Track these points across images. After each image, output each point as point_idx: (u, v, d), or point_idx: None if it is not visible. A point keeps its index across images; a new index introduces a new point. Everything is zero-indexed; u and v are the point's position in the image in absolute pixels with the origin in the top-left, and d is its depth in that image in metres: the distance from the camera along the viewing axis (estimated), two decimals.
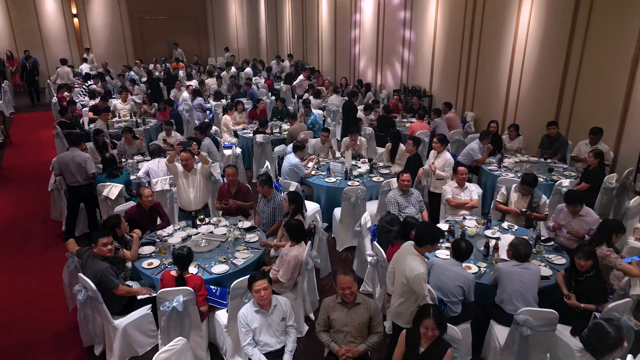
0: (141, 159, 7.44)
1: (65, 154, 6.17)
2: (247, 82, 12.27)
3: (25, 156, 10.08)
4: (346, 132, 9.62)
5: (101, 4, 18.10)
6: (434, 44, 10.27)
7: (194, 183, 5.52)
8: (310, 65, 15.81)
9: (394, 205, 5.46)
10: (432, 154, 6.64)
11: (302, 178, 6.81)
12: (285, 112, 10.25)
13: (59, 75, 13.94)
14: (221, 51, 20.41)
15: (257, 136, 8.21)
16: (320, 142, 7.74)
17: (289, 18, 17.01)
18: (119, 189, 5.96)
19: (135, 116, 10.19)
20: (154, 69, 16.03)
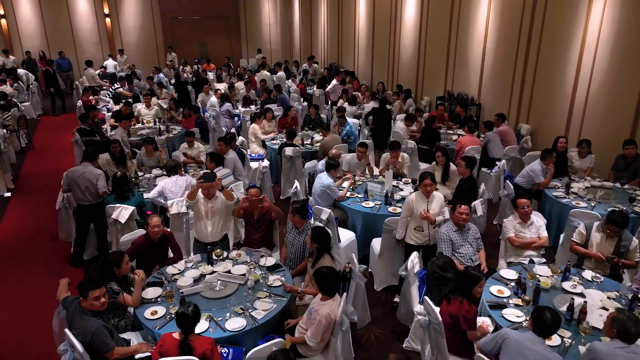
0: (160, 174, 6.78)
1: (76, 169, 5.55)
2: (277, 87, 11.52)
3: (45, 163, 9.65)
4: (380, 144, 8.79)
5: (133, 4, 17.80)
6: (485, 46, 9.24)
7: (214, 212, 4.76)
8: (345, 68, 14.95)
9: (446, 244, 4.55)
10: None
11: (335, 201, 5.98)
12: (318, 120, 9.44)
13: (85, 77, 13.59)
14: (253, 52, 19.83)
15: (286, 149, 7.43)
16: (357, 158, 6.88)
17: (324, 18, 16.22)
18: (130, 211, 5.28)
19: (159, 122, 9.60)
20: (182, 71, 15.53)
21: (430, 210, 4.83)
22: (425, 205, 4.85)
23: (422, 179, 4.88)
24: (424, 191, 4.87)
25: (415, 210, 4.84)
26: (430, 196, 4.87)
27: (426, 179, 4.83)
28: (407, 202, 4.93)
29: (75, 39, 17.18)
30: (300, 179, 7.59)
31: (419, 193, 4.94)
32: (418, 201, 4.88)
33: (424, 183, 4.84)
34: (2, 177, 8.04)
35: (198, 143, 7.68)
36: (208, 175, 4.63)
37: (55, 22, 16.74)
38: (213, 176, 4.61)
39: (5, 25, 15.96)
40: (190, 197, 4.70)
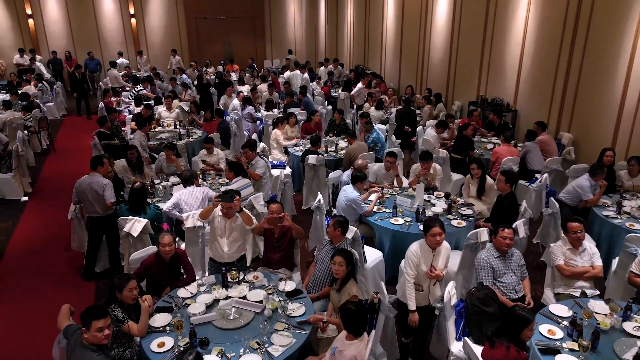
0: (177, 182, 6.47)
1: (83, 180, 5.26)
2: (302, 89, 11.13)
3: (65, 166, 9.49)
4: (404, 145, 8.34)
5: (159, 4, 17.71)
6: (523, 47, 8.64)
7: (231, 231, 4.38)
8: (371, 70, 14.47)
9: (486, 272, 4.06)
10: None
11: (361, 216, 5.55)
12: (343, 126, 9.00)
13: (108, 78, 13.48)
14: (278, 53, 19.54)
15: (309, 157, 7.02)
16: (384, 169, 6.42)
17: (351, 19, 15.77)
18: (143, 225, 4.96)
19: (179, 126, 9.33)
20: (204, 72, 15.30)
21: (437, 266, 3.92)
22: (430, 260, 3.91)
23: (428, 227, 3.86)
24: (432, 242, 3.85)
25: (419, 267, 3.91)
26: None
27: (434, 227, 3.83)
28: (411, 256, 3.89)
29: (101, 39, 17.19)
30: (324, 189, 7.19)
31: (422, 244, 3.94)
32: (423, 254, 3.91)
33: (432, 232, 3.82)
34: (20, 181, 7.89)
35: (218, 150, 7.34)
36: (226, 195, 4.25)
37: (81, 22, 16.77)
38: (232, 196, 4.22)
39: (33, 25, 16.06)
40: (203, 216, 4.33)
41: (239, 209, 4.27)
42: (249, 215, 4.36)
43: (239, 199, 4.29)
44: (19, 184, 7.81)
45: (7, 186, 7.68)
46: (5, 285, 5.45)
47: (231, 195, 4.22)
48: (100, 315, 3.01)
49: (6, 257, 6.06)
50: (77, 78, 12.95)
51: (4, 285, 5.45)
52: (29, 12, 15.88)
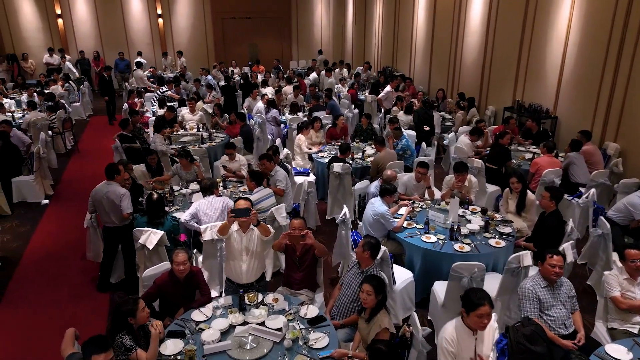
0: (197, 189, 6.22)
1: (99, 189, 5.05)
2: (328, 92, 10.78)
3: (88, 168, 9.40)
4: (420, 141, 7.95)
5: (186, 4, 17.66)
6: (565, 50, 8.08)
7: (249, 247, 4.06)
8: (400, 72, 14.01)
9: (532, 303, 3.63)
10: None
11: (389, 231, 5.17)
12: (370, 131, 8.61)
13: (134, 79, 13.43)
14: (304, 54, 19.26)
15: (335, 165, 6.67)
16: (415, 180, 6.01)
17: (379, 19, 15.34)
18: (159, 237, 4.70)
19: (202, 129, 9.12)
20: (231, 73, 15.13)
21: (482, 354, 3.16)
22: (473, 347, 3.14)
23: (473, 305, 3.04)
24: (477, 324, 3.07)
25: (459, 355, 3.14)
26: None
27: (482, 306, 3.01)
28: (446, 346, 3.13)
29: (129, 39, 17.24)
30: (349, 199, 6.83)
31: (460, 327, 3.15)
32: (463, 339, 3.14)
33: (479, 312, 3.02)
34: (41, 183, 7.80)
35: (240, 155, 7.07)
36: (241, 209, 3.93)
37: (109, 22, 16.85)
38: (247, 211, 3.90)
39: (62, 25, 16.22)
40: (221, 231, 4.03)
41: (256, 221, 3.94)
42: (266, 227, 4.03)
43: (255, 212, 3.97)
44: (40, 186, 7.72)
45: (28, 188, 7.60)
46: (19, 293, 5.30)
47: (246, 209, 3.90)
48: (102, 349, 2.74)
49: (23, 263, 5.92)
50: (106, 79, 12.65)
51: (18, 294, 5.29)
52: (58, 12, 16.04)
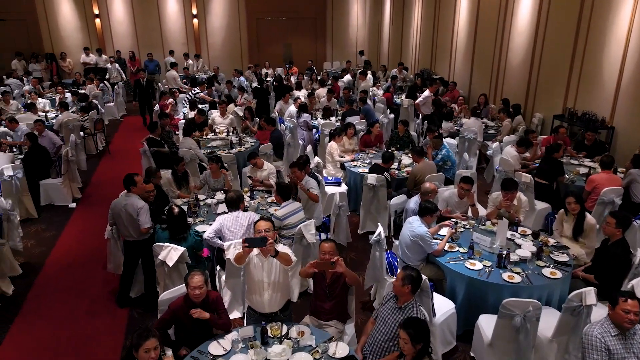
0: (223, 200, 5.90)
1: (118, 201, 4.78)
2: (362, 96, 10.32)
3: (117, 170, 9.24)
4: None
5: (221, 4, 17.55)
6: (625, 52, 7.33)
7: (271, 276, 3.67)
8: (438, 75, 13.40)
9: (600, 354, 3.10)
10: None
11: (428, 255, 4.70)
12: (407, 139, 8.12)
13: (167, 79, 13.33)
14: (338, 55, 18.84)
15: (369, 177, 6.23)
16: (457, 196, 5.50)
17: (418, 19, 14.75)
18: (179, 253, 4.39)
19: (232, 133, 8.84)
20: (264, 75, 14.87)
21: None
22: None
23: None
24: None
25: None
26: None
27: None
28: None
29: (164, 40, 17.27)
30: (383, 213, 6.38)
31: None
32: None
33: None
34: (69, 186, 7.68)
35: (268, 163, 6.72)
36: (256, 239, 3.53)
37: (145, 23, 16.92)
38: (262, 240, 3.49)
39: (99, 25, 16.38)
40: (238, 261, 3.64)
41: (274, 252, 3.53)
42: (286, 255, 3.63)
43: (272, 242, 3.55)
44: (67, 190, 7.61)
45: (56, 192, 7.50)
46: (37, 305, 5.11)
47: (262, 239, 3.49)
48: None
49: (44, 271, 5.76)
50: (142, 84, 11.88)
51: (36, 305, 5.10)
52: (96, 12, 16.21)
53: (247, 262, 3.65)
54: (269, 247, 3.49)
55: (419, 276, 3.51)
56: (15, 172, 6.68)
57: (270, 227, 3.72)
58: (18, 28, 15.97)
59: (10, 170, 6.62)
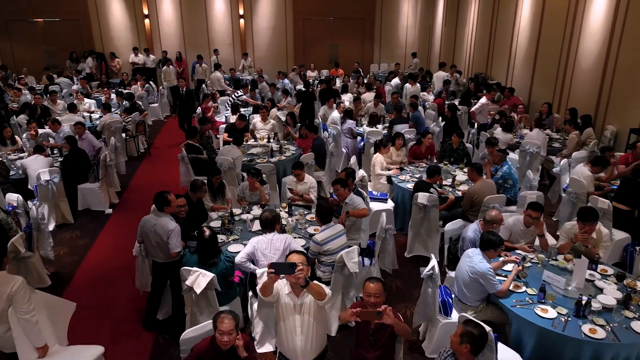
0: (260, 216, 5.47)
1: (148, 219, 4.43)
2: (412, 102, 9.66)
3: (157, 174, 9.10)
4: None
5: (268, 5, 17.28)
6: None
7: (305, 318, 3.17)
8: (494, 79, 12.49)
9: None
10: None
11: (489, 295, 4.05)
12: (462, 152, 7.41)
13: (211, 81, 13.14)
14: (386, 57, 18.17)
15: (420, 195, 5.61)
16: (523, 224, 4.80)
17: (473, 20, 13.86)
18: (208, 279, 3.97)
19: (273, 140, 8.43)
20: (308, 77, 14.43)
21: None
22: None
23: None
24: None
25: None
26: None
27: None
28: None
29: (210, 40, 17.20)
30: (434, 236, 5.76)
31: None
32: None
33: None
34: (107, 191, 7.51)
35: (309, 177, 6.23)
36: (282, 264, 3.05)
37: (192, 23, 16.90)
38: (290, 266, 3.00)
39: (148, 25, 16.49)
40: (263, 292, 3.18)
41: (304, 282, 3.03)
42: (319, 287, 3.12)
43: (302, 268, 3.06)
44: (105, 195, 7.43)
45: (93, 196, 7.33)
46: None
47: (290, 265, 3.00)
48: None
49: (73, 283, 5.53)
50: (181, 94, 10.68)
51: None
52: (145, 13, 16.32)
53: (276, 300, 3.17)
54: (299, 274, 3.01)
55: (482, 336, 2.91)
56: (52, 176, 6.54)
57: (303, 261, 3.23)
58: (71, 28, 16.35)
59: (47, 174, 6.48)
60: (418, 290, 5.15)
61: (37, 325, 3.38)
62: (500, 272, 4.26)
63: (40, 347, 3.45)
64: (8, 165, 6.96)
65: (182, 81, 11.02)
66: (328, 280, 4.55)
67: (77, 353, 3.65)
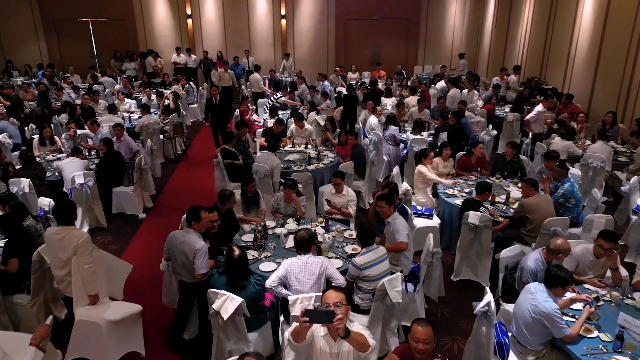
0: (294, 229, 5.11)
1: (176, 235, 4.13)
2: (460, 108, 9.04)
3: (193, 178, 8.92)
4: None
5: (310, 5, 16.96)
6: None
7: None
8: (549, 85, 11.64)
9: None
10: None
11: (554, 337, 3.50)
12: (517, 165, 6.79)
13: (250, 82, 12.91)
14: (431, 58, 17.48)
15: (470, 215, 5.09)
16: (592, 254, 4.20)
17: (528, 21, 13.02)
18: (236, 305, 3.64)
19: (311, 146, 8.05)
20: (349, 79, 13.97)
21: None
22: None
23: None
24: None
25: None
26: None
27: None
28: None
29: (251, 40, 17.05)
30: (485, 259, 5.22)
31: None
32: None
33: None
34: (141, 195, 7.36)
35: (349, 189, 5.82)
36: (318, 312, 2.65)
37: (234, 23, 16.80)
38: (328, 315, 2.59)
39: (191, 25, 16.51)
40: (296, 338, 2.80)
41: (344, 333, 2.62)
42: (361, 337, 2.70)
43: (341, 317, 2.64)
44: (139, 199, 7.28)
45: (127, 200, 7.20)
46: None
47: (328, 314, 2.59)
48: None
49: None
50: (215, 104, 9.30)
51: None
52: (188, 13, 16.35)
53: (310, 341, 2.78)
54: (338, 325, 2.60)
55: None
56: (87, 180, 6.43)
57: (342, 300, 2.83)
58: (117, 28, 16.60)
59: (81, 177, 6.38)
60: (466, 320, 4.69)
61: (93, 277, 3.97)
62: (567, 310, 3.71)
63: (92, 295, 4.01)
64: (45, 167, 6.92)
65: (215, 89, 9.68)
66: (367, 309, 4.13)
67: (119, 307, 4.14)
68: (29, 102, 11.25)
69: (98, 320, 3.93)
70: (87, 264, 3.91)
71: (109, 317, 3.96)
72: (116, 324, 3.98)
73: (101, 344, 3.94)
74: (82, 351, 4.00)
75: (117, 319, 3.99)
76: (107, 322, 3.94)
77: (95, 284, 4.01)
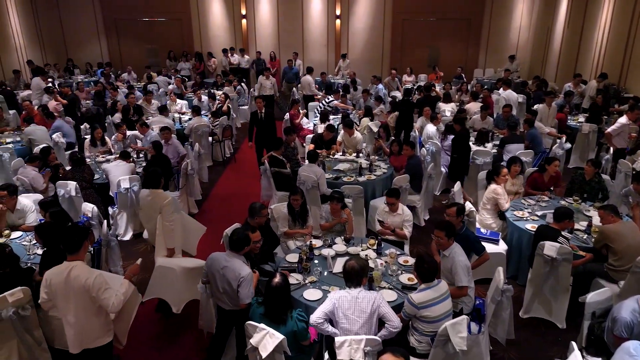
0: (342, 251, 4.65)
1: (218, 258, 3.75)
2: (529, 117, 8.23)
3: (240, 183, 8.67)
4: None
5: (366, 5, 16.42)
6: None
7: None
8: (630, 92, 10.48)
9: None
10: None
11: None
12: (598, 185, 5.97)
13: (301, 85, 12.56)
14: (492, 61, 16.46)
15: (546, 245, 4.42)
16: None
17: (606, 21, 11.84)
18: (276, 342, 3.23)
19: (362, 155, 7.55)
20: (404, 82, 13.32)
21: None
22: None
23: None
24: None
25: None
26: None
27: None
28: None
29: (304, 41, 16.75)
30: (562, 297, 4.54)
31: None
32: None
33: None
34: (186, 200, 7.16)
35: (404, 207, 5.27)
36: None
37: (288, 23, 16.55)
38: None
39: (245, 25, 16.42)
40: None
41: None
42: None
43: None
44: (184, 204, 7.08)
45: None
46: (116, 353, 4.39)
47: None
48: None
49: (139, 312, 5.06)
50: (260, 118, 8.23)
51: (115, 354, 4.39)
52: (243, 13, 16.27)
53: None
54: None
55: None
56: (132, 184, 6.28)
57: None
58: (174, 27, 16.81)
59: (127, 182, 6.24)
60: None
61: (172, 233, 4.72)
62: None
63: (169, 248, 4.75)
64: (94, 169, 6.85)
65: (260, 101, 8.50)
66: (424, 353, 3.61)
67: (187, 261, 4.80)
68: (85, 101, 11.47)
69: (174, 266, 4.56)
70: (168, 221, 4.65)
71: (183, 264, 4.62)
72: (187, 272, 4.55)
73: (174, 287, 4.57)
74: (159, 292, 4.65)
75: (189, 267, 4.59)
76: (181, 269, 4.54)
77: (173, 240, 4.73)
